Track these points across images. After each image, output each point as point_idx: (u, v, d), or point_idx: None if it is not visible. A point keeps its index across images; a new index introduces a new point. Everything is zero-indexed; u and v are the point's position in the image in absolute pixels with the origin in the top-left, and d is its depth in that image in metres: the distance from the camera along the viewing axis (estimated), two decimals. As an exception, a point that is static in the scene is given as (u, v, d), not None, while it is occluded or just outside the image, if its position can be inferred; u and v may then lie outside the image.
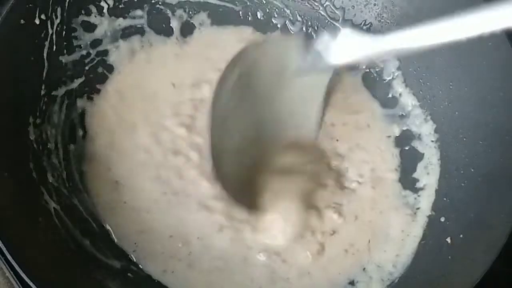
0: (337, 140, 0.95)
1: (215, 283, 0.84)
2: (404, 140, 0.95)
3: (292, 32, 1.03)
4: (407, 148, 0.94)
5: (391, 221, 0.89)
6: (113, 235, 0.86)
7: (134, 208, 0.88)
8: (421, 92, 0.95)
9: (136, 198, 0.89)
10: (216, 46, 1.00)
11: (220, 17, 1.03)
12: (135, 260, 0.85)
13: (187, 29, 1.02)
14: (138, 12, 0.99)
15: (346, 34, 0.78)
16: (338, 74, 0.95)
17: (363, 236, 0.88)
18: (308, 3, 1.02)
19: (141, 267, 0.85)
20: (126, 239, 0.86)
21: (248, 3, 1.03)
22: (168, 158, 0.91)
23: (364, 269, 0.86)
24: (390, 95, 0.98)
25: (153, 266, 0.85)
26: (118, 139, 0.92)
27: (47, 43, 0.88)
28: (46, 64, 0.88)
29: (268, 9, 1.03)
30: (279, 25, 1.03)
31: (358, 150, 0.94)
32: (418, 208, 0.89)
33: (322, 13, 1.02)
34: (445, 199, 0.87)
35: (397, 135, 0.95)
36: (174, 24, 1.01)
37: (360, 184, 0.91)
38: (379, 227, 0.89)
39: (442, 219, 0.85)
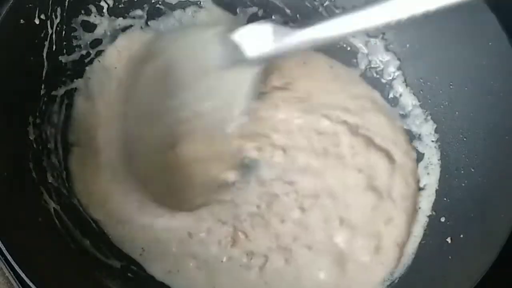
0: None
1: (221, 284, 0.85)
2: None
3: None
4: (407, 148, 0.94)
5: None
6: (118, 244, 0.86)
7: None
8: (421, 92, 0.95)
9: None
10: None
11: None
12: (139, 262, 0.85)
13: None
14: (138, 12, 0.99)
15: (265, 28, 0.77)
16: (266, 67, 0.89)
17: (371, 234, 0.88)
18: (308, 2, 1.02)
19: (145, 268, 0.85)
20: (133, 245, 0.86)
21: (248, 3, 1.03)
22: None
23: (364, 269, 0.86)
24: (390, 95, 0.98)
25: (159, 267, 0.85)
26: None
27: (46, 43, 0.88)
28: (45, 64, 0.88)
29: (268, 8, 1.03)
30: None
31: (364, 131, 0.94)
32: (418, 208, 0.89)
33: (323, 13, 1.02)
34: (445, 199, 0.87)
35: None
36: (173, 23, 1.02)
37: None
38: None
39: (442, 219, 0.85)
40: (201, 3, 1.01)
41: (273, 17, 1.03)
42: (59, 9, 0.89)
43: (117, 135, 0.90)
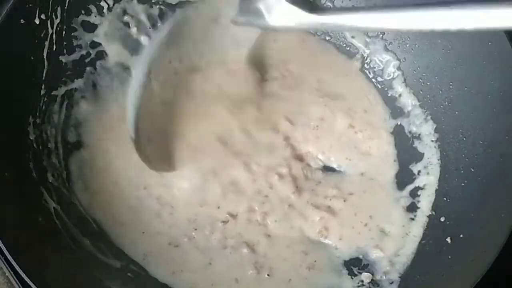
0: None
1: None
2: (404, 140, 0.95)
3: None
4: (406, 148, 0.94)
5: (391, 218, 0.89)
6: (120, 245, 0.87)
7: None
8: (421, 92, 0.95)
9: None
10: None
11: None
12: (142, 265, 0.85)
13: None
14: (138, 12, 1.00)
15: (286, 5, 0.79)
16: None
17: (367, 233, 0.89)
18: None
19: (148, 272, 0.85)
20: (134, 248, 0.87)
21: (248, 3, 1.03)
22: None
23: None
24: (390, 95, 0.98)
25: (163, 270, 0.85)
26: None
27: (47, 43, 0.88)
28: (46, 64, 0.88)
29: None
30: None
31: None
32: (418, 208, 0.89)
33: (322, 13, 1.02)
34: (445, 199, 0.87)
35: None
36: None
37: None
38: (380, 222, 0.89)
39: (442, 219, 0.85)
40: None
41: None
42: (59, 9, 0.89)
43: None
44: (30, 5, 0.85)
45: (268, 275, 0.85)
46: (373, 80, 1.00)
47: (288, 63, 1.01)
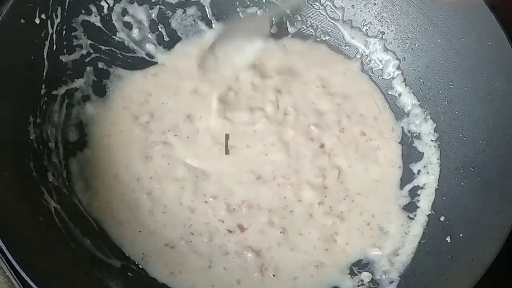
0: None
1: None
2: (404, 140, 0.95)
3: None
4: (406, 147, 0.94)
5: (390, 217, 0.89)
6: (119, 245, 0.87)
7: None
8: (421, 92, 0.95)
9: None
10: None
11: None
12: (141, 265, 0.85)
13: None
14: (138, 12, 1.00)
15: None
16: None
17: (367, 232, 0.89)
18: (308, 2, 1.02)
19: (147, 272, 0.85)
20: (133, 247, 0.87)
21: (247, 2, 1.03)
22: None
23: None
24: (390, 95, 0.98)
25: (161, 270, 0.85)
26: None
27: (47, 43, 0.88)
28: (46, 63, 0.88)
29: (268, 8, 1.03)
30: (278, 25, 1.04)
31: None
32: (417, 208, 0.89)
33: (322, 12, 1.02)
34: (445, 198, 0.87)
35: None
36: (175, 24, 1.02)
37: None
38: (380, 221, 0.89)
39: (442, 219, 0.85)
40: (201, 2, 1.02)
41: (273, 17, 1.03)
42: (59, 9, 0.89)
43: None
44: (30, 4, 0.85)
45: (273, 275, 0.85)
46: (372, 79, 1.00)
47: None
